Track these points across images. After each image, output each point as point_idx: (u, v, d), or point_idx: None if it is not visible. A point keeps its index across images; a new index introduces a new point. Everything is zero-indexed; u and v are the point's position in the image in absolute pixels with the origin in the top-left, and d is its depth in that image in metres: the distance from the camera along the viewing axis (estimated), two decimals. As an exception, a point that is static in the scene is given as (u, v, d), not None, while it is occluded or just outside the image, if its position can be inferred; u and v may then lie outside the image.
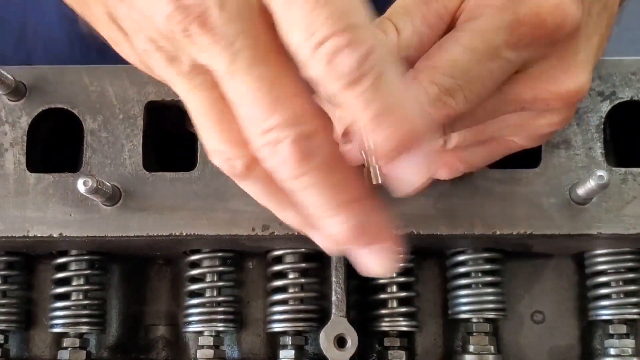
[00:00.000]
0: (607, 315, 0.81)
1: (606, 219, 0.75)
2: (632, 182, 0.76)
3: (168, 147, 0.85)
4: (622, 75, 0.79)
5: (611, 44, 0.71)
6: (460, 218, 0.76)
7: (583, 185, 0.72)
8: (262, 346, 0.87)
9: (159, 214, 0.76)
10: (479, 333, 0.81)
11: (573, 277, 0.87)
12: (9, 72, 0.77)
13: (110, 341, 0.88)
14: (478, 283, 0.81)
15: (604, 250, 0.81)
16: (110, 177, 0.77)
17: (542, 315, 0.87)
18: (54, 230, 0.76)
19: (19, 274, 0.85)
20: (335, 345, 0.75)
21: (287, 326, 0.81)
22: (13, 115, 0.79)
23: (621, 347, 0.80)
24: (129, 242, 0.77)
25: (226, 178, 0.76)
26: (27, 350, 0.87)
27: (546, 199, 0.76)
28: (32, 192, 0.77)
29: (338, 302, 0.77)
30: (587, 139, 0.77)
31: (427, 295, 0.87)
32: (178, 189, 0.77)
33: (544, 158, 0.77)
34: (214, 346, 0.81)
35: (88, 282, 0.83)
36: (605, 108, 0.78)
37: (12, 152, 0.78)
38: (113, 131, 0.78)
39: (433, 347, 0.87)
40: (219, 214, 0.76)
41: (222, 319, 0.82)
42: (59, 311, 0.82)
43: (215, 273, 0.82)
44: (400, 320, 0.81)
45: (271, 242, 0.79)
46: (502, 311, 0.82)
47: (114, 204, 0.76)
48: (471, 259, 0.82)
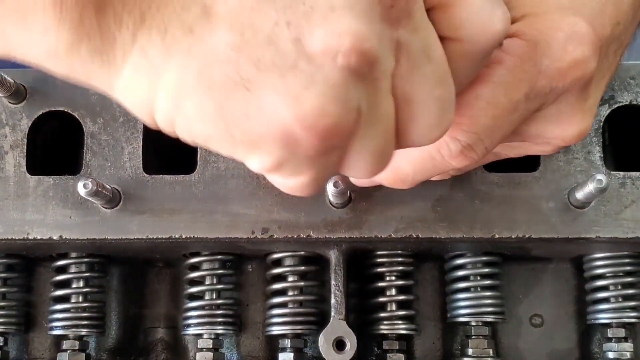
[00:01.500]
0: (606, 319, 0.81)
1: (605, 223, 0.75)
2: (630, 186, 0.76)
3: (168, 150, 0.85)
4: (621, 80, 0.79)
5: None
6: (459, 221, 0.76)
7: (582, 189, 0.72)
8: (261, 349, 0.87)
9: (159, 217, 0.76)
10: (478, 336, 0.81)
11: (572, 280, 0.87)
12: (10, 74, 0.77)
13: (110, 344, 0.88)
14: (477, 286, 0.81)
15: (602, 254, 0.81)
16: (110, 179, 0.77)
17: (541, 318, 0.87)
18: (54, 233, 0.76)
19: (19, 277, 0.85)
20: (334, 348, 0.75)
21: (287, 329, 0.81)
22: (13, 118, 0.79)
23: (620, 351, 0.80)
24: (129, 244, 0.77)
25: (226, 181, 0.77)
26: (27, 352, 0.87)
27: (545, 202, 0.76)
28: (32, 195, 0.77)
29: (337, 305, 0.77)
30: (585, 143, 0.78)
31: (426, 299, 0.87)
32: (178, 192, 0.77)
33: (543, 162, 0.77)
34: (213, 349, 0.81)
35: (87, 284, 0.83)
36: (604, 112, 0.79)
37: (12, 155, 0.78)
38: (113, 134, 0.78)
39: (432, 351, 0.87)
40: (218, 217, 0.76)
41: (221, 321, 0.82)
42: (58, 313, 0.83)
43: (214, 276, 0.83)
44: (399, 324, 0.81)
45: (270, 245, 0.79)
46: (500, 315, 0.82)
47: (114, 207, 0.76)
48: (470, 263, 0.82)
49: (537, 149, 0.67)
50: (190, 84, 0.45)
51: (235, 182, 0.77)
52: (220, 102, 0.45)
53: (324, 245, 0.78)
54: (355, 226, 0.76)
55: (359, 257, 0.82)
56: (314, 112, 0.44)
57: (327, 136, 0.45)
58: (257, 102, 0.45)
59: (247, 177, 0.77)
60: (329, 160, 0.48)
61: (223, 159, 0.77)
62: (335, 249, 0.78)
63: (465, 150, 0.58)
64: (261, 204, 0.76)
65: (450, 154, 0.58)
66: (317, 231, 0.75)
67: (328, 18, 0.44)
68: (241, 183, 0.77)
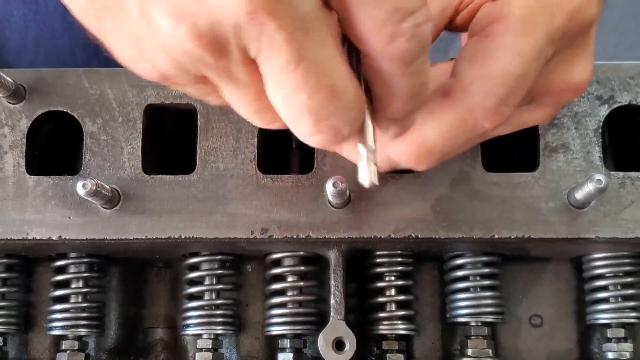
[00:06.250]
0: (605, 319, 0.81)
1: (604, 223, 0.75)
2: (630, 186, 0.76)
3: (167, 150, 0.85)
4: (621, 80, 0.79)
5: (610, 49, 0.72)
6: (458, 222, 0.76)
7: (581, 189, 0.72)
8: (260, 349, 0.87)
9: (158, 217, 0.76)
10: (477, 337, 0.81)
11: (571, 281, 0.87)
12: (9, 74, 0.77)
13: (109, 344, 0.88)
14: (476, 287, 0.81)
15: (602, 254, 0.81)
16: (110, 179, 0.77)
17: (541, 319, 0.87)
18: (53, 233, 0.76)
19: (18, 277, 0.85)
20: (333, 348, 0.75)
21: (286, 329, 0.81)
22: (13, 118, 0.79)
23: (619, 351, 0.80)
24: (128, 244, 0.77)
25: (225, 181, 0.77)
26: (26, 352, 0.87)
27: (544, 202, 0.76)
28: (31, 195, 0.77)
29: (337, 305, 0.77)
30: (585, 143, 0.78)
31: (426, 299, 0.87)
32: (177, 192, 0.77)
33: (542, 162, 0.77)
34: (212, 349, 0.81)
35: (87, 284, 0.83)
36: (603, 112, 0.79)
37: (11, 155, 0.78)
38: (112, 134, 0.78)
39: (431, 351, 0.87)
40: (217, 217, 0.76)
41: (220, 321, 0.82)
42: (57, 314, 0.82)
43: (214, 276, 0.83)
44: (399, 324, 0.81)
45: (270, 245, 0.79)
46: (500, 315, 0.82)
47: (113, 207, 0.76)
48: (469, 263, 0.82)
49: (534, 116, 0.67)
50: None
51: (234, 182, 0.77)
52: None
53: (323, 245, 0.78)
54: (355, 226, 0.76)
55: (359, 258, 0.82)
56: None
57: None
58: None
59: (246, 177, 0.77)
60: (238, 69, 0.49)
61: (222, 159, 0.77)
62: (335, 249, 0.78)
63: (499, 106, 0.58)
64: (260, 204, 0.76)
65: (485, 112, 0.58)
66: (316, 231, 0.75)
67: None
68: (240, 183, 0.77)
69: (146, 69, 0.52)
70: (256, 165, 0.77)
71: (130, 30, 0.50)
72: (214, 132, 0.78)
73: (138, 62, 0.53)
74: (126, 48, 0.52)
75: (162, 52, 0.50)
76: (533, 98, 0.64)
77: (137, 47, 0.51)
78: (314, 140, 0.53)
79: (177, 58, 0.50)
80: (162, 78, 0.53)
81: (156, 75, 0.53)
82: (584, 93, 0.78)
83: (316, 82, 0.49)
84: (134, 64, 0.53)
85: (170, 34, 0.48)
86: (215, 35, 0.47)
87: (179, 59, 0.50)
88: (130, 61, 0.53)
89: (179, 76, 0.52)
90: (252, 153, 0.78)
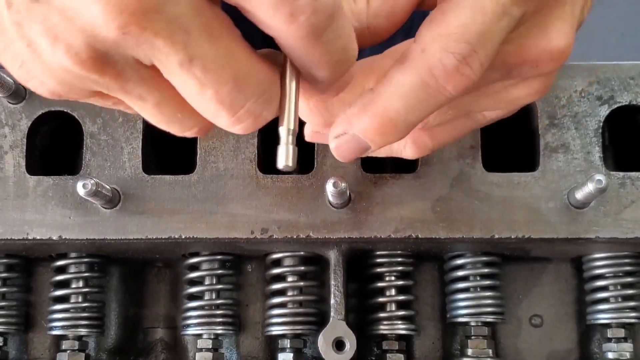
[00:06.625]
0: (606, 319, 0.81)
1: (604, 223, 0.75)
2: (630, 186, 0.76)
3: (167, 150, 0.85)
4: (621, 80, 0.79)
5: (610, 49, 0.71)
6: (459, 222, 0.76)
7: (581, 189, 0.72)
8: (260, 349, 0.87)
9: (158, 217, 0.76)
10: (477, 337, 0.81)
11: (571, 281, 0.87)
12: (9, 74, 0.77)
13: (109, 344, 0.88)
14: (476, 287, 0.81)
15: (602, 254, 0.81)
16: (110, 179, 0.77)
17: (541, 319, 0.87)
18: (53, 233, 0.76)
19: (18, 277, 0.85)
20: (333, 348, 0.75)
21: (286, 329, 0.81)
22: (13, 118, 0.79)
23: (619, 351, 0.80)
24: (128, 244, 0.77)
25: (225, 181, 0.77)
26: (26, 352, 0.87)
27: (545, 203, 0.76)
28: (31, 195, 0.77)
29: (337, 305, 0.77)
30: (585, 143, 0.78)
31: (426, 299, 0.87)
32: (177, 192, 0.77)
33: (542, 162, 0.77)
34: (212, 349, 0.81)
35: (87, 284, 0.83)
36: (603, 112, 0.79)
37: (11, 155, 0.78)
38: (112, 134, 0.78)
39: (431, 351, 0.87)
40: (217, 217, 0.76)
41: (220, 321, 0.82)
42: (58, 314, 0.83)
43: (214, 276, 0.83)
44: (399, 324, 0.81)
45: (270, 245, 0.79)
46: (500, 315, 0.82)
47: (113, 207, 0.76)
48: (470, 263, 0.82)
49: (523, 91, 0.63)
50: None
51: (234, 183, 0.77)
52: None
53: (323, 245, 0.78)
54: (355, 226, 0.76)
55: (359, 258, 0.82)
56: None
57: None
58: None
59: (246, 178, 0.77)
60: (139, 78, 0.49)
61: (222, 160, 0.78)
62: (335, 249, 0.78)
63: (460, 65, 0.54)
64: (260, 204, 0.76)
65: (445, 72, 0.54)
66: (316, 231, 0.75)
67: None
68: (240, 183, 0.77)
69: (37, 87, 0.53)
70: (256, 165, 0.77)
71: (13, 53, 0.51)
72: (214, 132, 0.78)
73: (28, 82, 0.53)
74: (15, 70, 0.53)
75: (47, 71, 0.50)
76: (511, 69, 0.61)
77: (24, 68, 0.52)
78: (239, 128, 0.53)
79: (62, 76, 0.50)
80: (54, 95, 0.53)
81: (47, 93, 0.53)
82: (584, 93, 0.78)
83: (217, 76, 0.49)
84: (26, 84, 0.54)
85: (49, 53, 0.48)
86: (94, 52, 0.47)
87: (64, 77, 0.50)
88: (22, 81, 0.54)
89: (70, 93, 0.52)
90: (252, 153, 0.78)
